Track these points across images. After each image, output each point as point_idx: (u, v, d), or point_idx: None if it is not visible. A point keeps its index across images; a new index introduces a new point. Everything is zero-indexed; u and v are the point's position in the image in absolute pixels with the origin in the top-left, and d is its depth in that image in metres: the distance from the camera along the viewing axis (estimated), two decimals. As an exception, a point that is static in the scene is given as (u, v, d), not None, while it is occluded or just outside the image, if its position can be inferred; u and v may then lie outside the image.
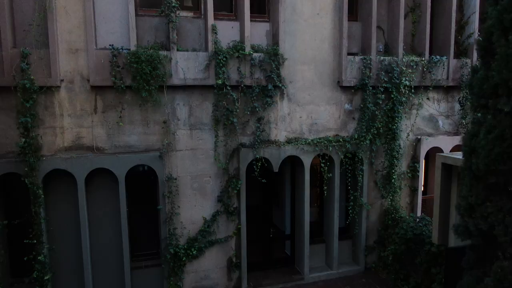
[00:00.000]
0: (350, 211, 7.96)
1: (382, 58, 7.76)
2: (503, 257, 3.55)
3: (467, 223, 3.76)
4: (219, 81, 6.66)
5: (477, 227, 3.58)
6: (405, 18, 8.09)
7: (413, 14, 8.27)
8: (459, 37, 8.61)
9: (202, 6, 6.95)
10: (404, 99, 7.87)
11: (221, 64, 6.66)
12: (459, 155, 5.80)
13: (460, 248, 4.90)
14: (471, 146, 3.83)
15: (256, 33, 7.22)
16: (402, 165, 8.27)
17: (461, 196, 3.83)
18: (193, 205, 7.01)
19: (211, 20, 6.67)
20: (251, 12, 6.94)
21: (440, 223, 6.16)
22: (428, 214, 8.34)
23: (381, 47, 8.14)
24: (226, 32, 7.00)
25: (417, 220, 7.43)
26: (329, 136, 7.64)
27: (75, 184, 6.30)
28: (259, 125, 7.09)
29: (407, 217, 7.77)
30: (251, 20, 6.99)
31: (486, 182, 3.46)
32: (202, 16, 6.97)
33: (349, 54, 7.74)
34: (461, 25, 8.60)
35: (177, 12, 6.50)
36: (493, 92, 3.42)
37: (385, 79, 7.71)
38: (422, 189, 8.89)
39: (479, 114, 3.76)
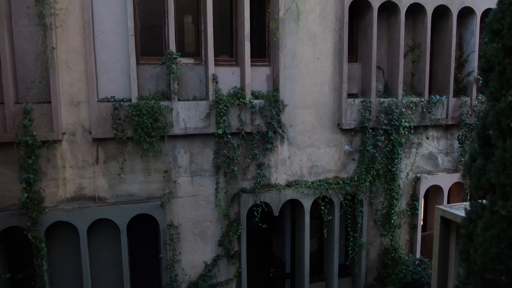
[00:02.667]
0: (350, 251, 8.01)
1: (381, 100, 7.79)
2: None
3: (465, 307, 3.82)
4: (220, 131, 6.70)
5: (475, 316, 3.64)
6: (404, 57, 8.11)
7: (412, 53, 8.30)
8: (459, 75, 8.65)
9: (203, 53, 6.98)
10: (403, 140, 7.91)
11: (221, 113, 6.70)
12: (457, 209, 5.86)
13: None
14: (469, 230, 3.89)
15: (256, 77, 7.25)
16: (402, 204, 8.31)
17: (459, 281, 3.88)
18: (194, 250, 7.07)
19: (211, 69, 6.70)
20: (251, 56, 6.98)
21: (439, 274, 6.22)
22: (427, 252, 8.40)
23: (380, 87, 8.18)
24: (227, 78, 7.03)
25: (416, 262, 7.48)
26: (329, 178, 7.68)
27: (77, 235, 6.35)
28: (259, 171, 7.13)
29: (406, 258, 7.83)
30: (251, 65, 7.03)
31: (483, 276, 3.51)
32: (203, 63, 7.00)
33: (349, 94, 7.78)
34: (461, 63, 8.63)
35: (178, 60, 6.53)
36: (490, 188, 3.46)
37: (385, 121, 7.75)
38: (422, 224, 8.94)
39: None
